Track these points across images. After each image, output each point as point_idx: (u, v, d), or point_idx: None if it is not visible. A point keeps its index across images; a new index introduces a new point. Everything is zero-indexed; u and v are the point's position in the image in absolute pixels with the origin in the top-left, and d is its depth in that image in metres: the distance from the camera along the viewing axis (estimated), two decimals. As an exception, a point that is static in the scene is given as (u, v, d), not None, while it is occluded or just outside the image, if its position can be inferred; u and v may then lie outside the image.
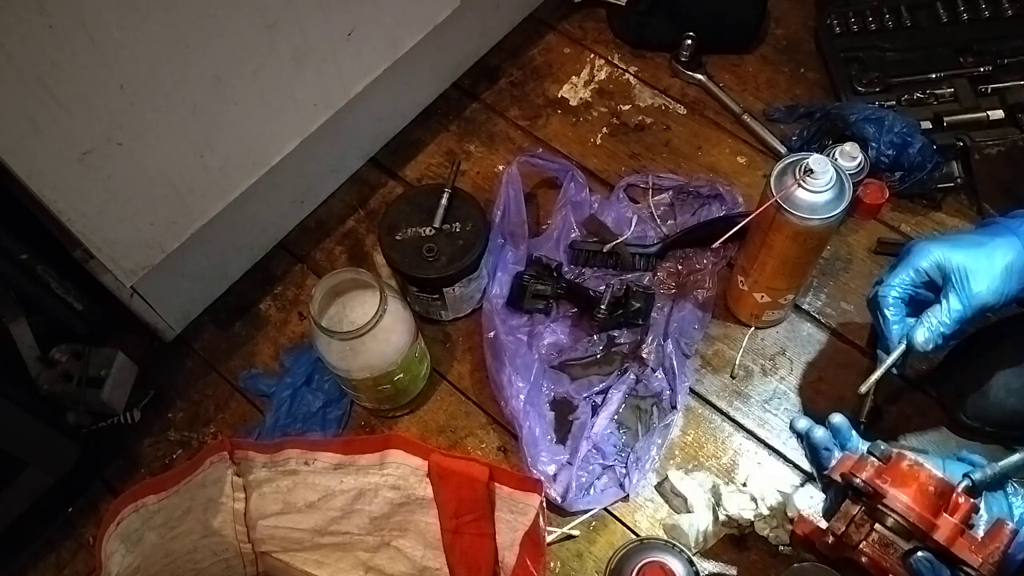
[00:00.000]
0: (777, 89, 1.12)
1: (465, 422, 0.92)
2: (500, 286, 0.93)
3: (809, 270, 0.87)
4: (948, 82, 1.04)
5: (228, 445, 0.82)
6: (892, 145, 0.96)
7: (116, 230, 0.80)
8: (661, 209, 1.03)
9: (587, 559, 0.83)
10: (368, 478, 0.81)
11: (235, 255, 1.00)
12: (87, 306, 0.88)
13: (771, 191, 0.76)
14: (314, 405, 0.91)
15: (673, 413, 0.89)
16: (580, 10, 1.20)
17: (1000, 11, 1.07)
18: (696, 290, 0.95)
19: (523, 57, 1.17)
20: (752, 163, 1.06)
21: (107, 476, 0.90)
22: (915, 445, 0.87)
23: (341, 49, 0.90)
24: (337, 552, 0.83)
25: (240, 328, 0.99)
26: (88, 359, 0.89)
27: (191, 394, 0.95)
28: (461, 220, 0.90)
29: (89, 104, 0.70)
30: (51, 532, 0.87)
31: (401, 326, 0.82)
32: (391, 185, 1.08)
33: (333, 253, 1.04)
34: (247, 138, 0.87)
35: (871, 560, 0.64)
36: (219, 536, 0.81)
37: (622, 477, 0.86)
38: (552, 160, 1.02)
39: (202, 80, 0.78)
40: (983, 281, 0.70)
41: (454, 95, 1.14)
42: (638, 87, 1.14)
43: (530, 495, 0.77)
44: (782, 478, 0.85)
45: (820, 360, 0.92)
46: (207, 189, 0.87)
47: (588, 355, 0.94)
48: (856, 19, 1.10)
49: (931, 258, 0.72)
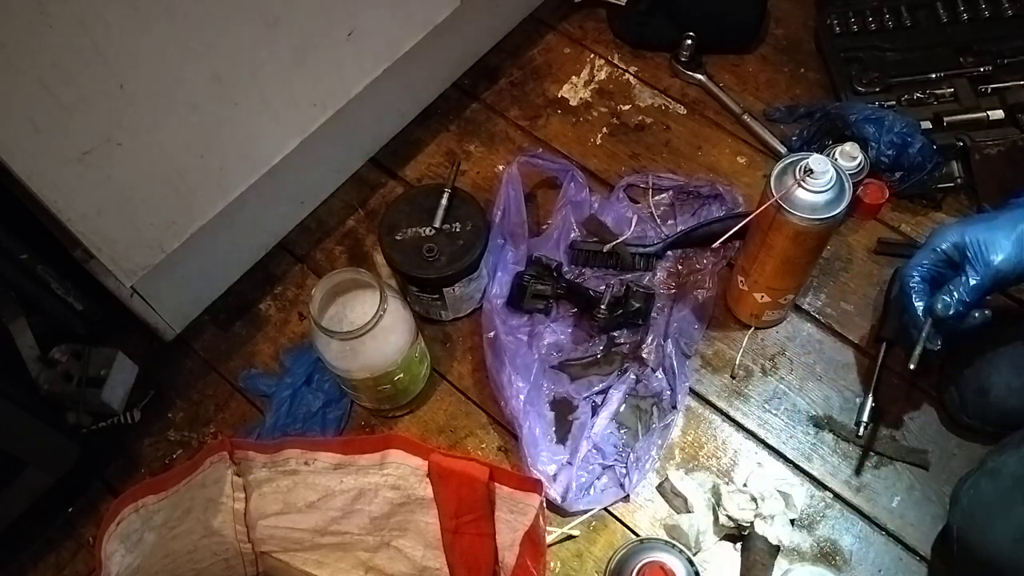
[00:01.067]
0: (777, 89, 1.12)
1: (465, 422, 0.92)
2: (500, 286, 0.93)
3: (809, 270, 0.87)
4: (948, 82, 1.04)
5: (228, 445, 0.82)
6: (892, 145, 0.96)
7: (116, 230, 0.80)
8: (661, 209, 1.03)
9: (587, 559, 0.83)
10: (368, 478, 0.81)
11: (235, 255, 1.00)
12: (87, 306, 0.88)
13: (771, 191, 0.76)
14: (314, 405, 0.91)
15: (673, 413, 0.89)
16: (580, 10, 1.20)
17: (1000, 11, 1.07)
18: (696, 290, 0.95)
19: (523, 57, 1.17)
20: (752, 163, 1.06)
21: (107, 476, 0.90)
22: (915, 445, 0.87)
23: (341, 49, 0.90)
24: (337, 552, 0.83)
25: (240, 328, 0.99)
26: (88, 359, 0.89)
27: (191, 394, 0.95)
28: (461, 220, 0.90)
29: (89, 104, 0.70)
30: (51, 532, 0.87)
31: (401, 326, 0.82)
32: (391, 185, 1.08)
33: (333, 253, 1.04)
34: (247, 138, 0.87)
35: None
36: (219, 536, 0.81)
37: (622, 477, 0.86)
38: (552, 160, 1.02)
39: (202, 80, 0.78)
40: (997, 250, 0.74)
41: (454, 95, 1.14)
42: (638, 87, 1.14)
43: (530, 495, 0.77)
44: (782, 478, 0.86)
45: (820, 360, 0.93)
46: (207, 189, 0.87)
47: (588, 355, 0.94)
48: (856, 19, 1.10)
49: (949, 238, 0.77)
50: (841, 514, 0.84)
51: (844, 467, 0.86)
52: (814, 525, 0.84)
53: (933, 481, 0.85)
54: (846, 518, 0.84)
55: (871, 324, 0.94)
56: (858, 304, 0.95)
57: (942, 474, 0.85)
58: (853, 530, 0.83)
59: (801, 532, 0.83)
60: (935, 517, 0.83)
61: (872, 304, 0.95)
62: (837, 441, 0.88)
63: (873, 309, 0.95)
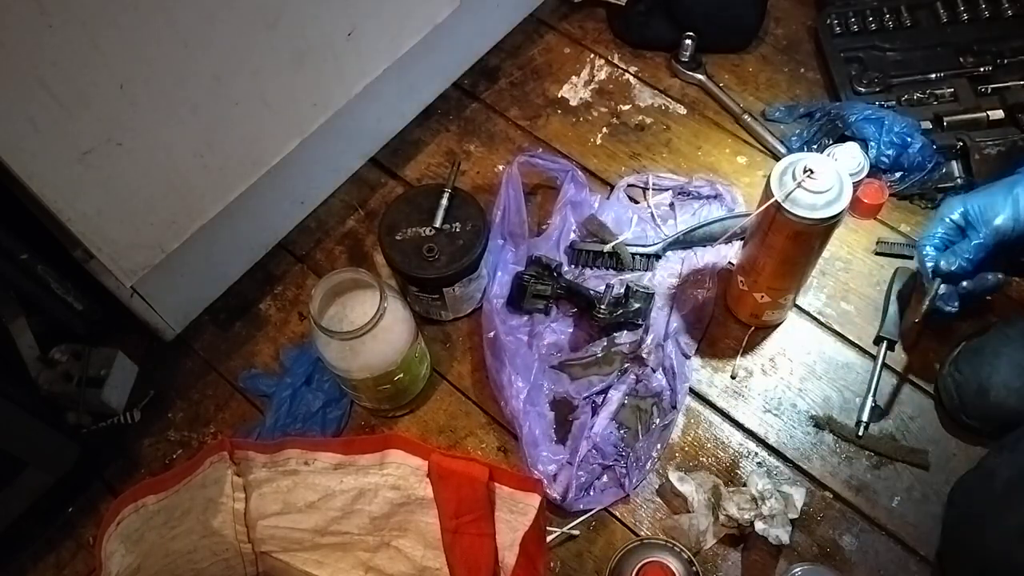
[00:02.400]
0: (777, 89, 1.12)
1: (465, 422, 0.92)
2: (500, 286, 0.93)
3: (809, 270, 0.87)
4: (948, 82, 1.04)
5: (228, 445, 0.82)
6: (892, 145, 0.96)
7: (116, 230, 0.80)
8: (661, 209, 1.03)
9: (587, 559, 0.83)
10: (368, 478, 0.82)
11: (235, 255, 1.00)
12: (87, 306, 0.88)
13: (771, 191, 0.76)
14: (314, 405, 0.91)
15: (673, 413, 0.89)
16: (580, 10, 1.21)
17: (1000, 11, 1.08)
18: (696, 290, 0.95)
19: (523, 57, 1.17)
20: (752, 163, 1.06)
21: (107, 476, 0.90)
22: (915, 445, 0.87)
23: (341, 49, 0.90)
24: (337, 552, 0.83)
25: (240, 328, 0.99)
26: (88, 359, 0.89)
27: (191, 394, 0.95)
28: (461, 220, 0.90)
29: (89, 104, 0.70)
30: (51, 532, 0.87)
31: (401, 326, 0.82)
32: (391, 185, 1.08)
33: (333, 253, 1.04)
34: (247, 138, 0.87)
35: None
36: (219, 536, 0.81)
37: (622, 477, 0.86)
38: (552, 160, 1.02)
39: (202, 80, 0.78)
40: (997, 210, 0.80)
41: (454, 95, 1.14)
42: (638, 87, 1.14)
43: (530, 495, 0.77)
44: (782, 478, 0.86)
45: (820, 360, 0.93)
46: (207, 189, 0.87)
47: (588, 355, 0.94)
48: (856, 19, 1.10)
49: (955, 207, 0.83)
50: (841, 514, 0.84)
51: (844, 467, 0.86)
52: (814, 525, 0.83)
53: (933, 481, 0.85)
54: (846, 518, 0.84)
55: (871, 324, 0.94)
56: (858, 304, 0.95)
57: (942, 474, 0.85)
58: (853, 530, 0.83)
59: (801, 532, 0.83)
60: (935, 517, 0.83)
61: (872, 304, 0.95)
62: (837, 441, 0.88)
63: (873, 309, 0.95)
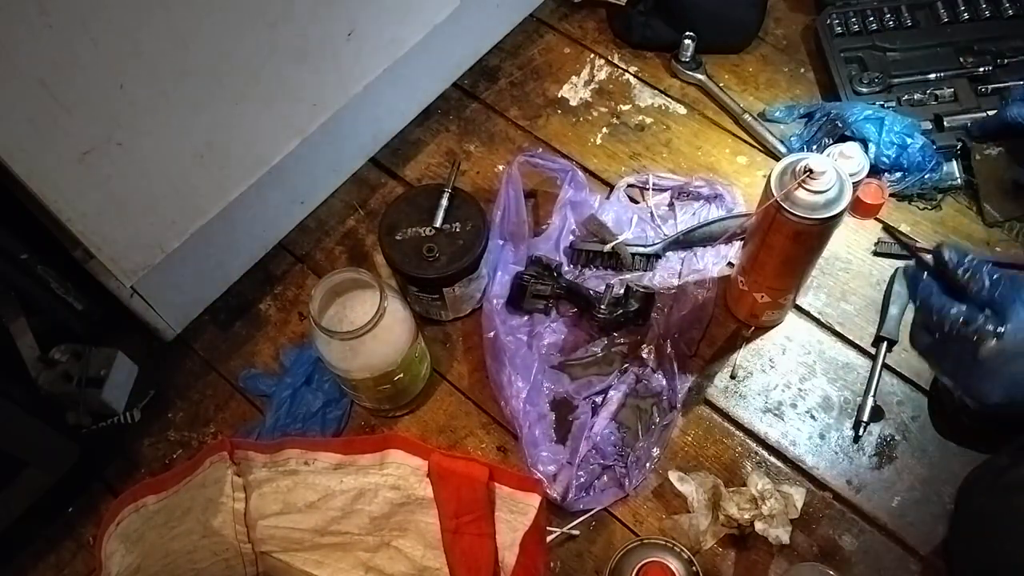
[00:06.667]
0: (777, 89, 1.12)
1: (465, 422, 0.92)
2: (500, 286, 0.93)
3: (809, 270, 0.87)
4: (948, 82, 1.04)
5: (228, 445, 0.82)
6: (892, 145, 0.96)
7: (116, 230, 0.80)
8: (661, 209, 1.03)
9: (587, 559, 0.83)
10: (368, 478, 0.82)
11: (235, 255, 1.00)
12: (87, 306, 0.88)
13: (771, 191, 0.76)
14: (314, 405, 0.91)
15: (673, 413, 0.89)
16: (580, 10, 1.21)
17: (1000, 11, 1.08)
18: (696, 290, 0.95)
19: (523, 57, 1.17)
20: (752, 163, 1.06)
21: (107, 476, 0.90)
22: (915, 445, 0.87)
23: (341, 49, 0.90)
24: (337, 552, 0.83)
25: (240, 328, 0.99)
26: (88, 359, 0.89)
27: (191, 394, 0.95)
28: (461, 220, 0.90)
29: (89, 104, 0.70)
30: (51, 532, 0.87)
31: (401, 326, 0.82)
32: (391, 185, 1.08)
33: (333, 253, 1.04)
34: (247, 138, 0.87)
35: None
36: (219, 536, 0.81)
37: (622, 477, 0.86)
38: (552, 160, 1.02)
39: (202, 80, 0.78)
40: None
41: (454, 95, 1.14)
42: (638, 87, 1.14)
43: (530, 495, 0.77)
44: (782, 478, 0.86)
45: (820, 360, 0.92)
46: (207, 189, 0.87)
47: (588, 355, 0.94)
48: (856, 19, 1.10)
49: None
50: (841, 514, 0.84)
51: (844, 467, 0.86)
52: (814, 525, 0.83)
53: (933, 481, 0.85)
54: (846, 518, 0.84)
55: (871, 324, 0.94)
56: (858, 304, 0.95)
57: (942, 474, 0.85)
58: (853, 530, 0.83)
59: (801, 532, 0.83)
60: (935, 517, 0.83)
61: (872, 304, 0.95)
62: (837, 441, 0.88)
63: (873, 309, 0.95)
